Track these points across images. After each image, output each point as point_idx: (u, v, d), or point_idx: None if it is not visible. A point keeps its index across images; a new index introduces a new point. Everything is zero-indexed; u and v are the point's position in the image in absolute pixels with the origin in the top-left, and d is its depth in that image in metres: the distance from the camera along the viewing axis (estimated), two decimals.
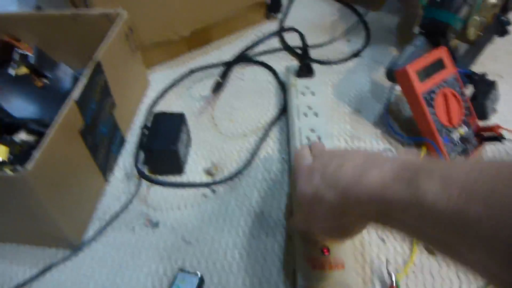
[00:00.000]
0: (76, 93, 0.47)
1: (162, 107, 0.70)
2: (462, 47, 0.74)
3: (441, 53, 0.58)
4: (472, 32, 0.67)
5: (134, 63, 0.67)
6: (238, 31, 0.87)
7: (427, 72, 0.57)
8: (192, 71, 0.76)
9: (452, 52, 0.63)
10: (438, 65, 0.58)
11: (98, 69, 0.53)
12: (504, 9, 0.71)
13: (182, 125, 0.57)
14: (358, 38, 0.83)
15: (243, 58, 0.78)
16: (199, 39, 0.82)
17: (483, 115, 0.63)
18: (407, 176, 0.27)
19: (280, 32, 0.83)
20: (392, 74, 0.59)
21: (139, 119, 0.67)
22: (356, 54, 0.79)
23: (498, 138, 0.56)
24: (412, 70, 0.56)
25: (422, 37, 0.63)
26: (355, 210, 0.32)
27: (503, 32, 0.76)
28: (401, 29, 0.85)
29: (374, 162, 0.31)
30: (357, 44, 0.81)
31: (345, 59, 0.78)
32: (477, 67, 0.73)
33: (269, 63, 0.77)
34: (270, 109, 0.68)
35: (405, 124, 0.63)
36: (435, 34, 0.61)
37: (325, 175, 0.35)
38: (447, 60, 0.58)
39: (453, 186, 0.24)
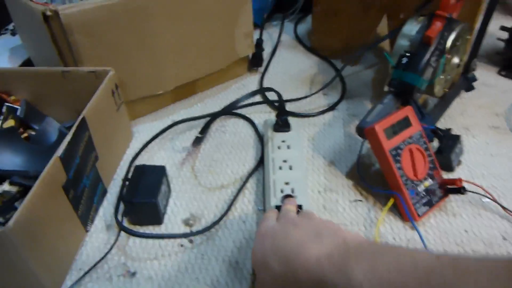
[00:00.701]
0: (60, 150, 0.50)
1: (144, 157, 0.72)
2: (431, 102, 0.79)
3: (407, 112, 0.62)
4: (438, 90, 0.72)
5: (119, 117, 0.70)
6: (221, 83, 0.92)
7: (394, 130, 0.61)
8: (174, 123, 0.79)
9: (420, 108, 0.68)
10: (404, 123, 0.62)
11: (83, 126, 0.56)
12: (467, 68, 0.77)
13: (163, 178, 0.60)
14: (335, 92, 0.88)
15: (225, 111, 0.81)
16: (184, 92, 0.86)
17: (448, 168, 0.67)
18: (340, 257, 0.29)
19: (260, 91, 0.87)
20: (362, 131, 0.63)
21: (122, 170, 0.70)
22: (332, 107, 0.83)
23: (461, 190, 0.59)
24: (379, 128, 0.59)
25: (391, 95, 0.67)
26: (295, 281, 0.33)
27: (469, 88, 0.82)
28: (376, 84, 0.90)
29: (319, 235, 0.33)
30: (334, 98, 0.86)
31: (322, 112, 0.82)
32: (445, 120, 0.78)
33: (250, 116, 0.81)
34: (248, 161, 0.71)
35: (375, 176, 0.67)
36: (403, 94, 0.66)
37: (275, 241, 0.36)
38: (413, 118, 0.63)
39: (379, 271, 0.27)
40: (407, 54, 0.65)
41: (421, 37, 0.64)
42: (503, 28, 0.90)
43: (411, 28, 0.69)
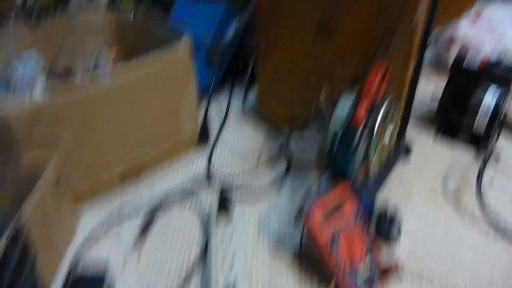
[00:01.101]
0: None
1: (89, 252, 0.71)
2: (369, 177, 0.82)
3: (342, 193, 0.65)
4: (372, 169, 0.75)
5: (61, 208, 0.69)
6: (170, 161, 0.92)
7: (329, 212, 0.63)
8: (119, 212, 0.79)
9: (357, 185, 0.71)
10: (339, 204, 0.64)
11: (19, 230, 0.55)
12: (399, 139, 0.81)
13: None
14: (282, 164, 0.90)
15: (169, 200, 0.82)
16: (130, 173, 0.86)
17: (389, 240, 0.70)
18: None
19: (207, 177, 0.88)
20: (299, 216, 0.65)
21: (65, 266, 0.68)
22: (279, 180, 0.85)
23: (398, 275, 0.62)
24: (315, 213, 0.62)
25: (327, 175, 0.70)
26: None
27: (407, 154, 0.86)
28: (324, 151, 0.93)
29: None
30: (281, 169, 0.88)
31: (269, 186, 0.84)
32: (385, 190, 0.81)
33: (195, 202, 0.81)
34: (193, 251, 0.71)
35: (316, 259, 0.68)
36: (337, 175, 0.69)
37: None
38: (348, 199, 0.65)
39: None
40: (337, 139, 0.68)
41: (349, 122, 0.68)
42: (434, 93, 0.97)
43: (344, 106, 0.73)
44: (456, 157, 0.90)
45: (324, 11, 0.80)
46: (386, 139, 0.77)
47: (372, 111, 0.68)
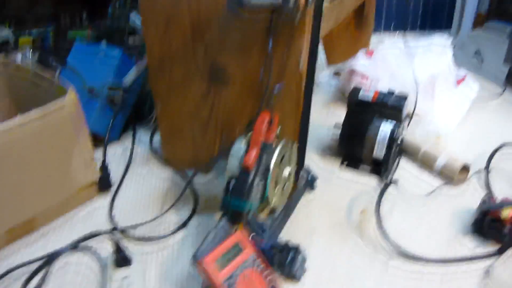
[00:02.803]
0: None
1: None
2: (272, 215, 0.81)
3: (238, 237, 0.63)
4: (276, 202, 0.75)
5: None
6: (68, 212, 0.86)
7: (226, 258, 0.60)
8: (8, 271, 0.71)
9: (259, 224, 0.69)
10: (236, 250, 0.62)
11: None
12: (298, 174, 0.81)
13: None
14: (187, 207, 0.87)
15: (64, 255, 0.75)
16: (21, 230, 0.79)
17: (293, 279, 0.68)
18: None
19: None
20: (195, 265, 0.61)
21: None
22: (183, 225, 0.82)
23: None
24: (209, 261, 0.59)
25: (225, 219, 0.68)
26: None
27: (311, 188, 0.87)
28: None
29: None
30: (186, 213, 0.85)
31: (172, 233, 0.80)
32: (291, 225, 0.80)
33: (92, 255, 0.75)
34: None
35: None
36: (234, 219, 0.67)
37: None
38: (245, 243, 0.63)
39: None
40: (233, 180, 0.67)
41: (241, 166, 0.67)
42: (336, 126, 1.00)
43: (239, 148, 0.72)
44: (360, 187, 0.92)
45: (216, 59, 0.81)
46: (286, 177, 0.76)
47: (264, 154, 0.67)
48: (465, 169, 0.93)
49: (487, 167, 0.95)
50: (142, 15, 0.85)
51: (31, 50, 1.26)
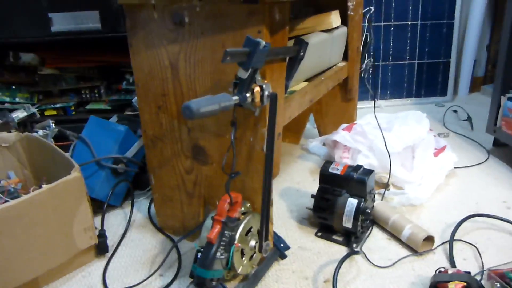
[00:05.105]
0: None
1: None
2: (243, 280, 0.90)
3: None
4: (243, 270, 0.84)
5: None
6: (67, 273, 0.97)
7: None
8: None
9: None
10: None
11: None
12: (261, 247, 0.89)
13: None
14: (172, 272, 0.97)
15: None
16: None
17: None
18: None
19: None
20: None
21: None
22: None
23: None
24: None
25: (191, 286, 0.77)
26: None
27: (282, 256, 0.95)
28: None
29: None
30: (169, 278, 0.95)
31: None
32: None
33: None
34: None
35: None
36: (199, 285, 0.76)
37: None
38: None
39: None
40: (201, 250, 0.77)
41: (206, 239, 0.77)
42: (312, 196, 1.09)
43: (209, 223, 0.83)
44: (330, 257, 0.99)
45: (198, 141, 0.93)
46: (252, 244, 0.86)
47: (226, 229, 0.78)
48: (430, 239, 1.00)
49: (451, 238, 1.01)
50: (138, 101, 1.00)
51: (54, 123, 1.43)
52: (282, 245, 0.99)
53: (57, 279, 0.97)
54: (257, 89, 0.76)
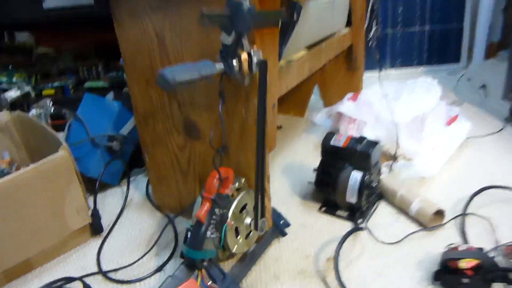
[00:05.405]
0: None
1: None
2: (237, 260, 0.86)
3: (189, 286, 0.68)
4: (238, 249, 0.80)
5: None
6: (62, 254, 0.95)
7: None
8: None
9: (219, 270, 0.74)
10: None
11: None
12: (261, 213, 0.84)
13: None
14: (168, 250, 0.93)
15: None
16: (17, 271, 0.88)
17: None
18: None
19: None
20: None
21: None
22: (159, 269, 0.88)
23: None
24: None
25: (183, 266, 0.73)
26: None
27: (283, 234, 0.90)
28: None
29: None
30: (165, 257, 0.91)
31: (149, 276, 0.86)
32: (259, 269, 0.84)
33: None
34: None
35: None
36: (189, 266, 0.72)
37: None
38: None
39: None
40: (190, 229, 0.73)
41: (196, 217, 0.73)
42: (314, 170, 1.03)
43: (199, 201, 0.78)
44: (333, 234, 0.94)
45: (189, 116, 0.88)
46: (249, 225, 0.81)
47: (220, 206, 0.73)
48: (440, 214, 0.93)
49: (463, 212, 0.95)
50: (127, 74, 0.95)
51: (51, 102, 1.40)
52: (282, 222, 0.94)
53: (51, 259, 0.94)
54: (244, 56, 0.69)
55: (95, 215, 0.99)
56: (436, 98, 1.20)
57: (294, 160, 1.28)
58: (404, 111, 1.16)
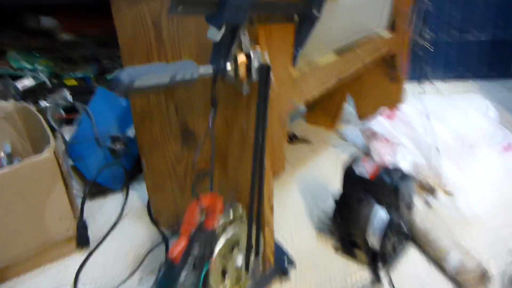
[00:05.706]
0: None
1: None
2: None
3: None
4: None
5: None
6: (42, 265, 0.86)
7: None
8: None
9: None
10: None
11: None
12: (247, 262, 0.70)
13: None
14: (153, 276, 0.82)
15: None
16: None
17: None
18: None
19: None
20: None
21: None
22: None
23: None
24: None
25: None
26: None
27: (284, 274, 0.77)
28: None
29: None
30: (148, 284, 0.80)
31: None
32: None
33: None
34: None
35: None
36: None
37: None
38: None
39: None
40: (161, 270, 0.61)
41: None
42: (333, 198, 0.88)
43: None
44: (347, 283, 0.78)
45: (186, 120, 0.76)
46: (239, 264, 0.68)
47: (195, 244, 0.60)
48: (484, 275, 0.75)
49: None
50: (124, 65, 0.84)
51: (68, 93, 1.33)
52: (285, 260, 0.79)
53: (30, 271, 0.86)
54: (241, 58, 0.55)
55: (81, 226, 0.89)
56: (490, 119, 0.99)
57: (316, 180, 1.12)
58: (449, 134, 0.97)
